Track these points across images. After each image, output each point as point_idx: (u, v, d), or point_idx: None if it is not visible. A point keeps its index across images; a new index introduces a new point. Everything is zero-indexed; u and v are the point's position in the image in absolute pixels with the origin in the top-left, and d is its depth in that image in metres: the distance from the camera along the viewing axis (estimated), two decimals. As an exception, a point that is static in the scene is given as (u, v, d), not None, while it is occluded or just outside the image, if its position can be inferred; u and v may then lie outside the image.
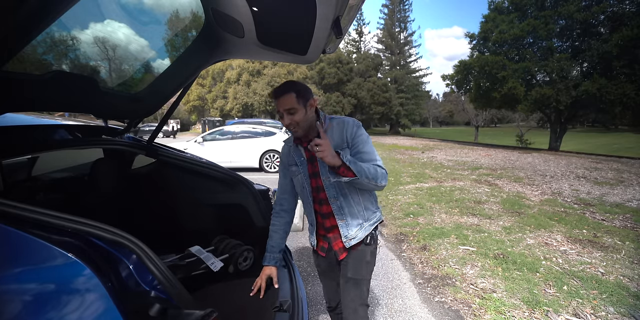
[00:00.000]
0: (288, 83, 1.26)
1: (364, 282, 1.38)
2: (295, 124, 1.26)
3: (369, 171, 1.21)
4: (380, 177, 1.24)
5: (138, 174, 2.20)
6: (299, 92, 1.23)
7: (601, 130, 37.89)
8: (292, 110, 1.24)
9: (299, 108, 1.24)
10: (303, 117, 1.25)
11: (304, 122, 1.27)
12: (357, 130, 1.30)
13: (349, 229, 1.36)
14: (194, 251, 1.62)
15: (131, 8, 1.42)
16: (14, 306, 0.69)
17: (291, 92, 1.22)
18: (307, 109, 1.26)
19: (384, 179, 1.25)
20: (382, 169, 1.26)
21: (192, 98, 35.89)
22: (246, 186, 1.91)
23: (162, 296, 0.87)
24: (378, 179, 1.23)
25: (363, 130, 1.31)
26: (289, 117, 1.25)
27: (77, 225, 0.84)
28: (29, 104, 1.27)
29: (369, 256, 1.39)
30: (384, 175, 1.26)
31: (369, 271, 1.40)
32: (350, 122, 1.31)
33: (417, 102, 38.82)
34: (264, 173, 8.55)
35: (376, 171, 1.23)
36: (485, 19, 17.58)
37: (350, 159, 1.18)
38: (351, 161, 1.18)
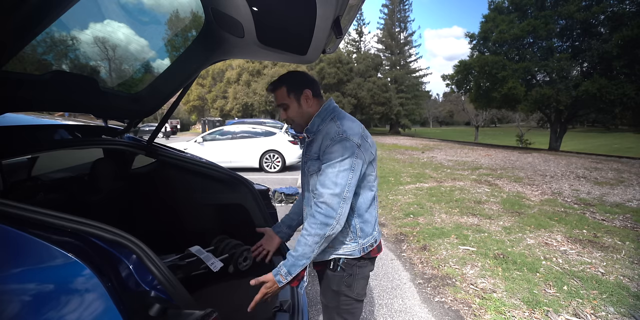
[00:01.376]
0: (283, 75, 1.19)
1: (333, 309, 1.23)
2: (290, 120, 1.20)
3: (302, 250, 1.05)
4: (313, 236, 1.04)
5: (138, 174, 2.20)
6: (291, 85, 1.16)
7: (601, 130, 37.91)
8: (283, 105, 1.18)
9: (291, 102, 1.17)
10: (297, 111, 1.18)
11: (299, 117, 1.19)
12: (330, 145, 1.08)
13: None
14: (194, 251, 1.61)
15: (131, 8, 1.42)
16: (14, 306, 0.69)
17: (282, 86, 1.16)
18: (300, 102, 1.17)
19: (319, 228, 1.04)
20: (315, 217, 1.04)
21: (192, 98, 35.90)
22: (246, 186, 1.91)
23: (162, 296, 0.87)
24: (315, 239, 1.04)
25: (339, 147, 1.06)
26: (283, 113, 1.20)
27: (77, 225, 0.84)
28: (28, 104, 1.27)
29: (336, 285, 1.20)
30: (315, 227, 1.04)
31: (337, 300, 1.21)
32: (331, 134, 1.09)
33: (417, 102, 38.81)
34: (264, 173, 8.55)
35: (306, 240, 1.05)
36: (485, 19, 17.59)
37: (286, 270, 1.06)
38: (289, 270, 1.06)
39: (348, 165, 1.05)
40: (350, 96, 33.24)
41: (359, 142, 1.09)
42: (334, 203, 1.04)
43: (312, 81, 1.22)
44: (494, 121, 45.84)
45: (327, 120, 1.16)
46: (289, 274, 1.06)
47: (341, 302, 1.21)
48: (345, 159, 1.05)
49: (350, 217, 1.16)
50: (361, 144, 1.09)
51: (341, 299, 1.21)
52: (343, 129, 1.10)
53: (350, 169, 1.05)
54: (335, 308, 1.22)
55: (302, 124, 1.20)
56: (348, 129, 1.10)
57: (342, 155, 1.05)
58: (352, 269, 1.19)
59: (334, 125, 1.12)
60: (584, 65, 15.34)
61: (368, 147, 1.13)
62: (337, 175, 1.05)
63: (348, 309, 1.22)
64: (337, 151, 1.06)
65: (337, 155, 1.06)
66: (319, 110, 1.18)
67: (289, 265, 1.07)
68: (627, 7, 13.37)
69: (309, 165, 1.19)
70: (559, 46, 15.90)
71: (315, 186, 1.14)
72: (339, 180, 1.04)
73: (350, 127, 1.11)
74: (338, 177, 1.05)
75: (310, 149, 1.19)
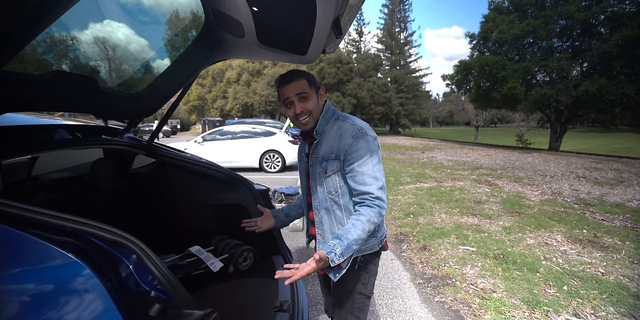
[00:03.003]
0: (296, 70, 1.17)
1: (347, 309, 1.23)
2: (307, 113, 1.15)
3: (358, 235, 1.05)
4: (370, 223, 1.07)
5: (138, 174, 2.20)
6: (310, 79, 1.15)
7: (601, 130, 37.90)
8: (304, 94, 1.13)
9: (312, 94, 1.14)
10: (316, 105, 1.15)
11: (317, 110, 1.16)
12: (354, 142, 1.09)
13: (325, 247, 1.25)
14: (194, 251, 1.61)
15: (131, 8, 1.42)
16: (14, 306, 0.69)
17: (302, 78, 1.14)
18: (318, 96, 1.17)
19: (375, 217, 1.08)
20: (372, 209, 1.07)
21: (192, 98, 35.88)
22: (246, 186, 1.91)
23: (162, 296, 0.87)
24: (370, 227, 1.07)
25: (364, 143, 1.09)
26: (301, 104, 1.13)
27: (77, 225, 0.84)
28: (29, 104, 1.27)
29: (352, 284, 1.22)
30: (373, 216, 1.07)
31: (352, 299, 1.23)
32: (349, 131, 1.11)
33: (417, 102, 38.80)
34: (264, 173, 8.55)
35: (363, 225, 1.06)
36: (485, 18, 17.59)
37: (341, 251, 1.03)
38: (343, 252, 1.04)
39: (377, 158, 1.12)
40: (350, 96, 33.22)
41: (375, 136, 1.15)
42: (382, 195, 1.09)
43: None
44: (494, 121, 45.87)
45: (331, 121, 1.19)
46: (342, 255, 1.04)
47: (356, 301, 1.23)
48: (373, 153, 1.10)
49: None
50: (376, 138, 1.15)
51: (356, 297, 1.23)
52: (359, 125, 1.14)
53: (379, 161, 1.12)
54: (350, 307, 1.24)
55: (316, 118, 1.18)
56: (362, 125, 1.15)
57: (370, 150, 1.10)
58: (368, 267, 1.23)
59: (346, 124, 1.15)
60: (584, 65, 15.34)
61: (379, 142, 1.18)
62: (374, 170, 1.09)
63: (360, 307, 1.25)
64: (363, 147, 1.09)
65: (365, 152, 1.09)
66: (323, 112, 1.19)
67: (344, 246, 1.04)
68: (627, 7, 13.37)
69: (322, 166, 1.17)
70: (559, 46, 15.90)
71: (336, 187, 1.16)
72: (377, 173, 1.09)
73: (362, 123, 1.17)
74: (375, 171, 1.09)
75: (318, 151, 1.18)
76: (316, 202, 1.23)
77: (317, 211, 1.23)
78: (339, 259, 1.04)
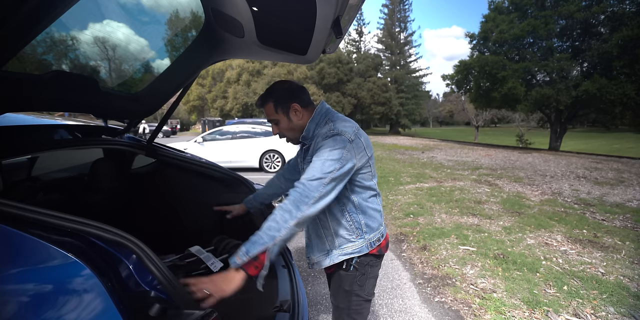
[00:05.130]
0: (268, 89, 1.17)
1: (344, 310, 1.23)
2: (282, 134, 1.21)
3: (268, 225, 0.95)
4: (285, 211, 0.96)
5: (138, 174, 2.20)
6: (277, 99, 1.15)
7: (601, 130, 37.87)
8: (273, 120, 1.18)
9: (280, 117, 1.16)
10: (287, 125, 1.17)
11: (290, 131, 1.19)
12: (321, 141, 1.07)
13: (312, 251, 1.24)
14: (194, 251, 1.61)
15: (131, 8, 1.42)
16: (13, 306, 0.69)
17: (269, 102, 1.15)
18: (289, 117, 1.16)
19: (296, 207, 0.96)
20: (293, 193, 0.98)
21: (192, 98, 35.92)
22: (246, 186, 1.91)
23: (162, 296, 0.87)
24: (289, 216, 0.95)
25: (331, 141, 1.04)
26: (275, 127, 1.20)
27: (77, 225, 0.84)
28: (29, 104, 1.27)
29: (348, 285, 1.20)
30: (294, 203, 0.96)
31: (348, 301, 1.21)
32: (324, 133, 1.09)
33: (417, 102, 38.85)
34: (264, 173, 8.55)
35: (282, 211, 0.96)
36: (485, 18, 17.60)
37: (245, 249, 0.93)
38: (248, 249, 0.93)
39: (337, 156, 1.01)
40: (350, 96, 33.24)
41: (352, 138, 1.06)
42: (312, 184, 0.98)
43: (299, 91, 1.17)
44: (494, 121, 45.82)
45: (321, 124, 1.16)
46: (247, 253, 0.93)
47: (352, 303, 1.21)
48: (334, 149, 1.02)
49: (354, 213, 1.17)
50: (354, 139, 1.07)
51: (352, 299, 1.21)
52: (335, 126, 1.10)
53: (338, 160, 1.01)
54: (346, 309, 1.23)
55: (296, 136, 1.20)
56: (341, 127, 1.10)
57: (333, 147, 1.03)
58: (365, 268, 1.21)
59: (326, 127, 1.13)
60: (584, 65, 15.35)
61: (361, 145, 1.10)
62: (324, 164, 1.00)
63: (358, 309, 1.23)
64: (327, 144, 1.04)
65: (326, 148, 1.03)
66: (312, 116, 1.17)
67: (250, 242, 0.95)
68: (627, 7, 13.38)
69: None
70: (559, 46, 15.91)
71: None
72: (324, 167, 1.00)
73: (344, 125, 1.11)
74: (324, 165, 1.00)
75: (308, 155, 1.19)
76: None
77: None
78: (242, 258, 0.93)
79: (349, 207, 1.17)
